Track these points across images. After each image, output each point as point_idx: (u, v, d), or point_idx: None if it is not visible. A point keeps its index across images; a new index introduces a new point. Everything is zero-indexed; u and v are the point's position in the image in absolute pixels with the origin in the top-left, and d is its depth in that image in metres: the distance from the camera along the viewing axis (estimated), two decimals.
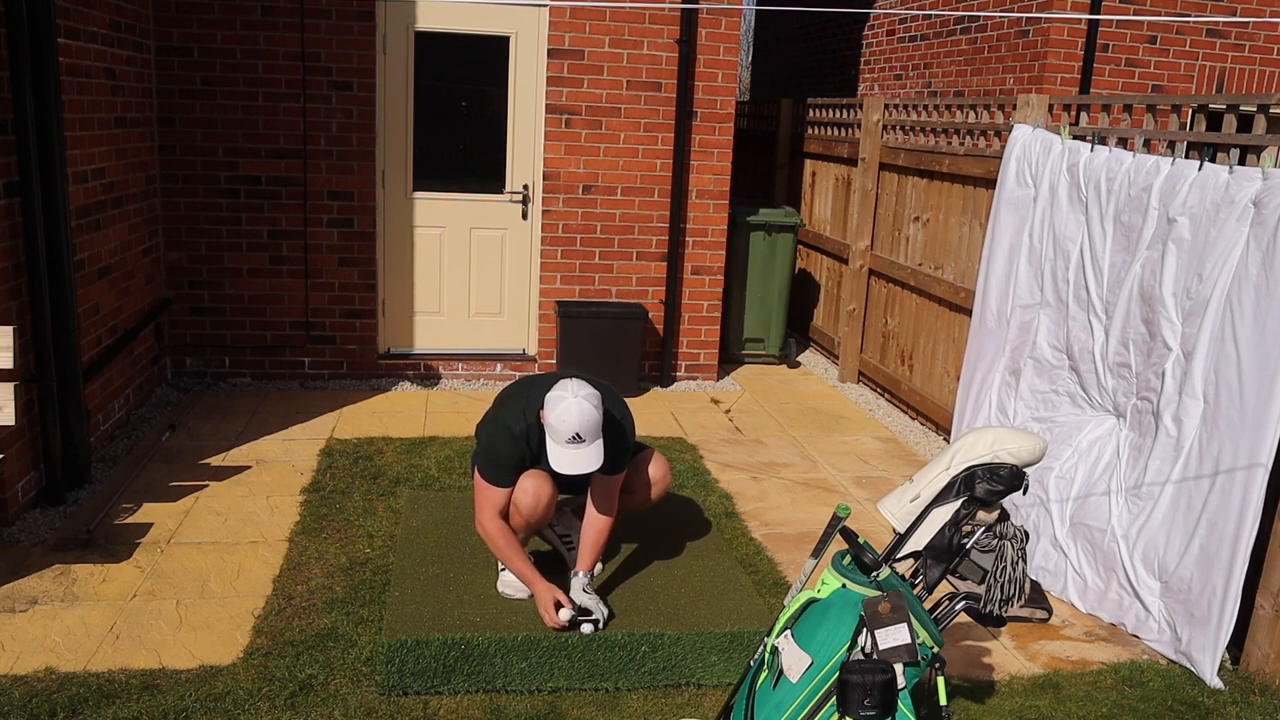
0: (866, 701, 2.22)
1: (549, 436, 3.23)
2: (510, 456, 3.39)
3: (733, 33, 6.27)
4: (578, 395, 3.21)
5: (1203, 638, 3.35)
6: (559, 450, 3.21)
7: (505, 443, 3.39)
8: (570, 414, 3.17)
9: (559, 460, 3.20)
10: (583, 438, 3.19)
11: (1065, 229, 4.19)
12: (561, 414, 3.19)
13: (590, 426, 3.18)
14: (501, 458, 3.39)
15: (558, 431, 3.19)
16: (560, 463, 3.19)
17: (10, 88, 3.94)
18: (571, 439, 3.18)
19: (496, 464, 3.39)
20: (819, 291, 7.78)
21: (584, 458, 3.19)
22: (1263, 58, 7.69)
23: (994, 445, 2.54)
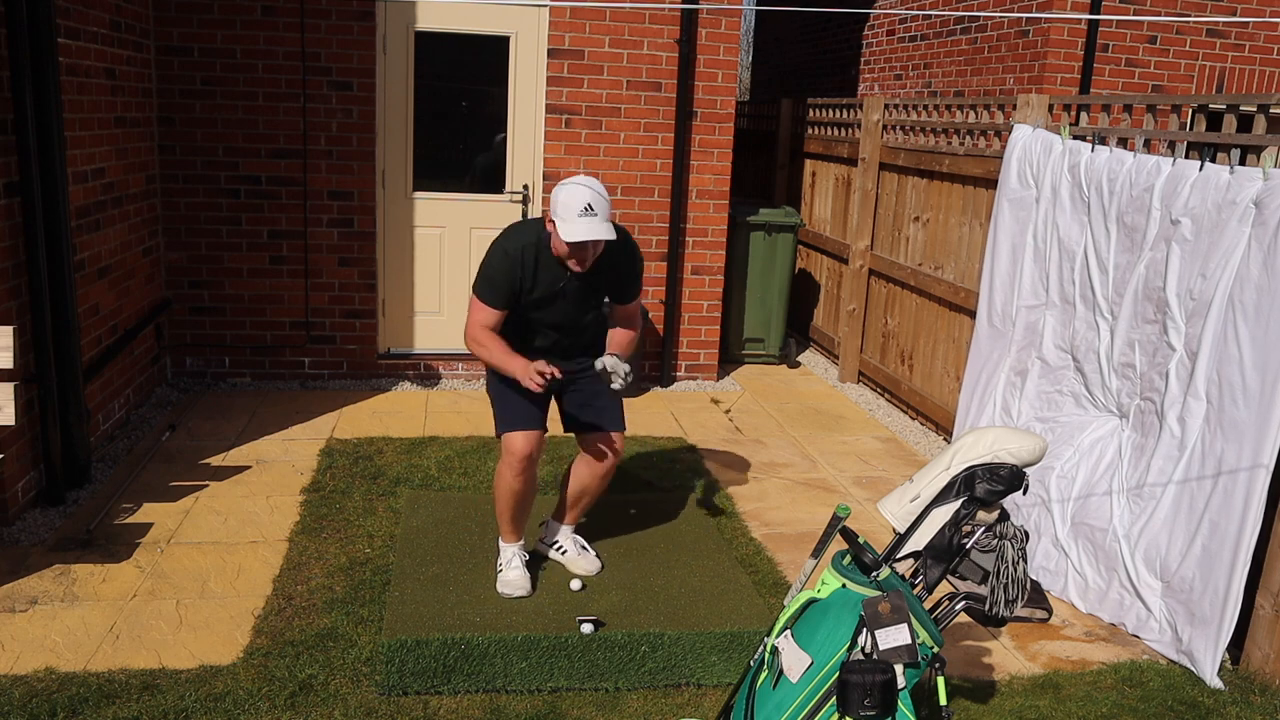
0: (866, 701, 2.22)
1: (560, 221, 3.22)
2: (502, 275, 3.38)
3: (733, 33, 6.27)
4: (587, 178, 3.29)
5: (1204, 638, 3.35)
6: (572, 224, 3.19)
7: (499, 262, 3.38)
8: (580, 188, 3.21)
9: (572, 231, 3.18)
10: (594, 210, 3.20)
11: (1069, 229, 4.19)
12: (571, 190, 3.22)
13: (601, 202, 3.22)
14: (494, 276, 3.39)
15: (569, 207, 3.21)
16: (574, 233, 3.17)
17: (10, 88, 3.94)
18: (584, 210, 3.19)
19: (489, 282, 3.40)
20: (819, 291, 7.78)
21: (597, 227, 3.19)
22: (1263, 58, 7.69)
23: (994, 445, 2.54)
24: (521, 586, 3.59)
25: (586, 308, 3.57)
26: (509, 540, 3.71)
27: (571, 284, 3.47)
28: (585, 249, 3.28)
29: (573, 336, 3.62)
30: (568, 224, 3.21)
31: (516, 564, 3.67)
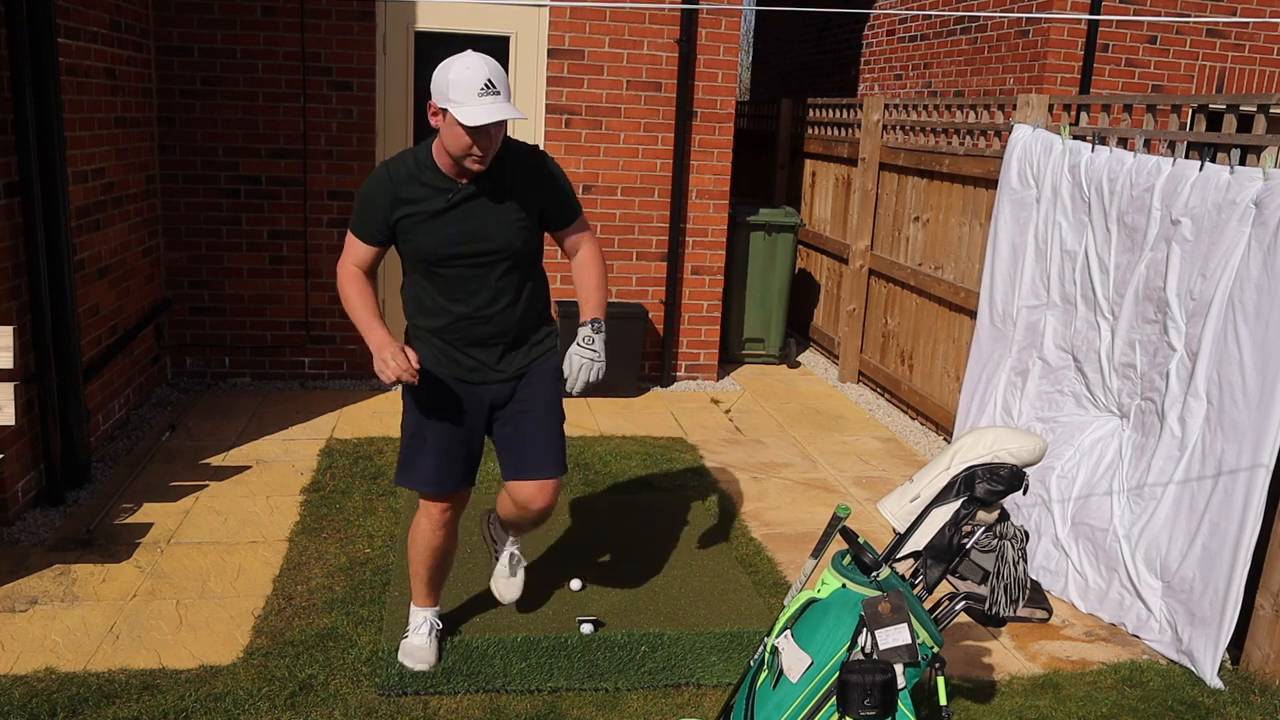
0: (866, 701, 2.22)
1: (455, 105, 2.56)
2: (371, 192, 2.77)
3: (733, 33, 6.27)
4: (475, 52, 2.65)
5: (1204, 638, 3.35)
6: (472, 106, 2.54)
7: (369, 181, 2.79)
8: (472, 60, 2.58)
9: (475, 114, 2.53)
10: (496, 87, 2.58)
11: (1069, 230, 4.19)
12: (462, 64, 2.57)
13: (502, 77, 2.61)
14: (363, 196, 2.79)
15: (464, 85, 2.55)
16: (477, 115, 2.53)
17: (10, 88, 3.94)
18: (485, 88, 2.56)
19: (357, 205, 2.81)
20: (819, 291, 7.77)
21: (505, 108, 2.58)
22: (1263, 58, 7.69)
23: (994, 445, 2.54)
24: (424, 659, 3.12)
25: (500, 240, 2.80)
26: (421, 604, 3.20)
27: (465, 197, 2.76)
28: (488, 136, 2.62)
29: (487, 306, 2.86)
30: (466, 107, 2.55)
31: (424, 631, 3.17)
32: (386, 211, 2.78)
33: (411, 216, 2.77)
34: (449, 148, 2.65)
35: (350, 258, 2.86)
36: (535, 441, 2.98)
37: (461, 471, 2.99)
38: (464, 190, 2.77)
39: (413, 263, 2.84)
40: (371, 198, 2.78)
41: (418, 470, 2.95)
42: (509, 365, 2.97)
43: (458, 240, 2.79)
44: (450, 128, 2.61)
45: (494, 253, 2.82)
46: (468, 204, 2.77)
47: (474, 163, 2.66)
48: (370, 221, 2.80)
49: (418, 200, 2.76)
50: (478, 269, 2.83)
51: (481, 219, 2.79)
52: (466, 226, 2.78)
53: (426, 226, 2.78)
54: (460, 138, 2.61)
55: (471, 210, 2.78)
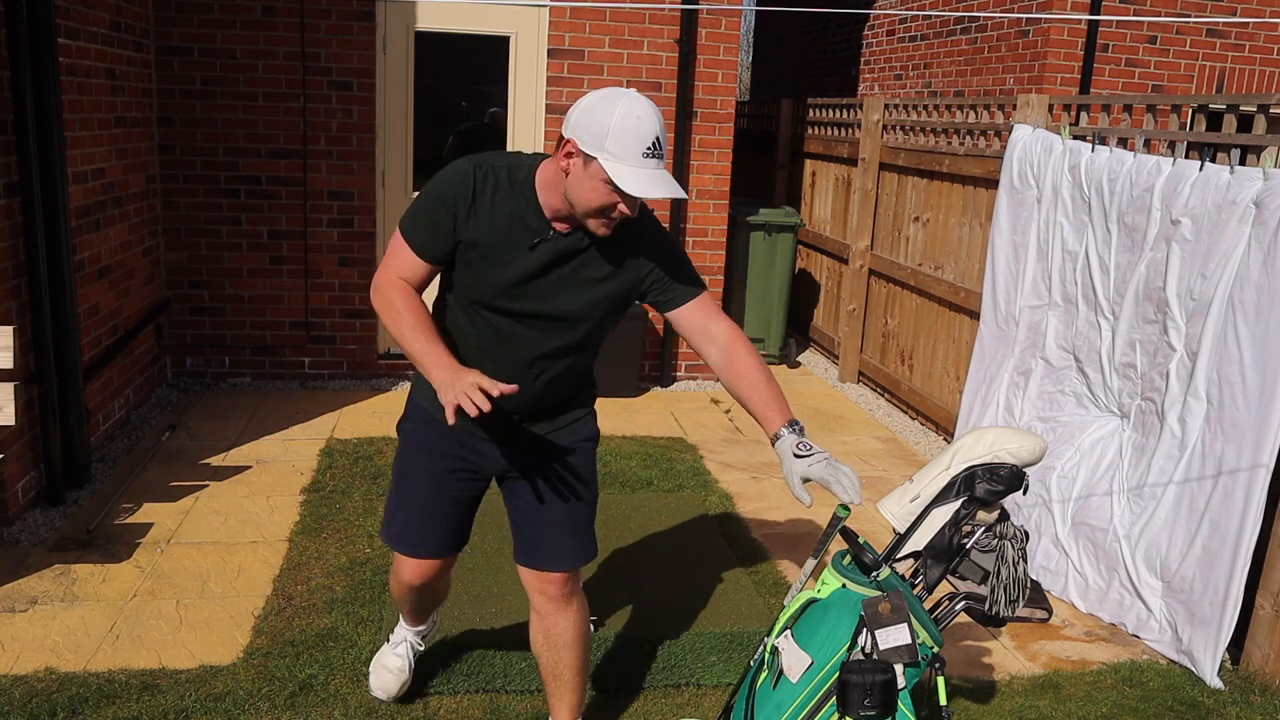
0: (866, 701, 2.22)
1: (611, 159, 2.04)
2: (440, 195, 2.21)
3: (733, 33, 6.27)
4: (644, 98, 2.11)
5: (1204, 638, 3.35)
6: (635, 170, 2.05)
7: (443, 178, 2.22)
8: (644, 110, 2.05)
9: (638, 183, 2.04)
10: (661, 148, 2.09)
11: (1070, 230, 4.19)
12: (631, 111, 2.04)
13: (664, 134, 2.11)
14: (428, 196, 2.23)
15: (630, 139, 2.03)
16: (641, 185, 2.04)
17: (10, 88, 3.94)
18: (651, 149, 2.05)
19: (416, 206, 2.25)
20: (819, 291, 7.77)
21: (666, 178, 2.08)
22: (1263, 58, 7.69)
23: (994, 445, 2.54)
24: (387, 689, 2.90)
25: (568, 310, 2.28)
26: (409, 623, 2.89)
27: (550, 250, 2.22)
28: (635, 205, 2.15)
29: (526, 372, 2.33)
30: (627, 166, 2.04)
31: (402, 651, 2.91)
32: (456, 222, 2.20)
33: (478, 246, 2.21)
34: (575, 198, 2.11)
35: (394, 268, 2.26)
36: (555, 526, 2.47)
37: (439, 538, 2.53)
38: (556, 240, 2.22)
39: (458, 293, 2.31)
40: (443, 199, 2.19)
41: (393, 524, 2.55)
42: (530, 430, 2.45)
43: (523, 292, 2.25)
44: (591, 180, 2.07)
45: (561, 321, 2.29)
46: (554, 255, 2.22)
47: (602, 226, 2.14)
48: (431, 229, 2.21)
49: (497, 227, 2.20)
50: (534, 331, 2.29)
51: (563, 279, 2.25)
52: (541, 283, 2.24)
53: (494, 262, 2.22)
54: (599, 196, 2.08)
55: (556, 263, 2.23)
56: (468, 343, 2.32)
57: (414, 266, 2.26)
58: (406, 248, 2.25)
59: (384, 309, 2.25)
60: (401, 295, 2.24)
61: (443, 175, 2.21)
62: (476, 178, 2.20)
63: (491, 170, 2.21)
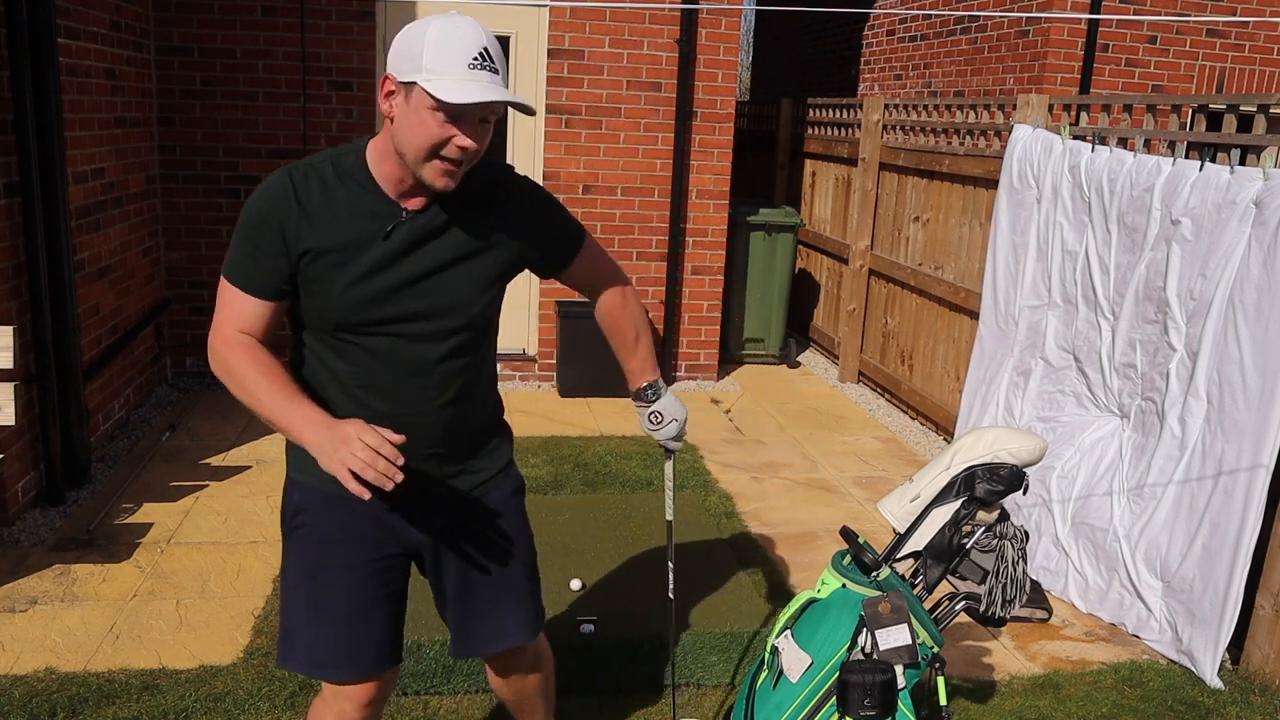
0: (866, 701, 2.22)
1: (431, 76, 1.70)
2: (264, 216, 1.82)
3: (733, 33, 6.27)
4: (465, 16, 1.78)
5: (1204, 638, 3.35)
6: (458, 81, 1.70)
7: (256, 200, 1.84)
8: (463, 22, 1.74)
9: (460, 90, 1.69)
10: (492, 60, 1.74)
11: (1070, 230, 4.19)
12: (448, 24, 1.73)
13: (499, 52, 1.77)
14: (249, 224, 1.83)
15: (449, 51, 1.70)
16: (463, 92, 1.69)
17: (10, 88, 3.94)
18: (477, 60, 1.72)
19: (238, 242, 1.85)
20: (819, 291, 7.77)
21: (495, 86, 1.73)
22: (1263, 58, 7.69)
23: (994, 445, 2.54)
24: None
25: (450, 300, 1.90)
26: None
27: (408, 234, 1.85)
28: (475, 128, 1.76)
29: (423, 402, 1.94)
30: (446, 80, 1.70)
31: None
32: (286, 238, 1.81)
33: (324, 255, 1.82)
34: (405, 145, 1.75)
35: (229, 321, 1.86)
36: (489, 601, 2.11)
37: (375, 648, 2.02)
38: (412, 220, 1.84)
39: (315, 329, 1.91)
40: (263, 217, 1.81)
41: (300, 641, 1.99)
42: (447, 490, 2.03)
43: (393, 297, 1.85)
44: (415, 113, 1.72)
45: (446, 316, 1.90)
46: (415, 238, 1.85)
47: (443, 174, 1.76)
48: (257, 257, 1.82)
49: (337, 228, 1.82)
50: (416, 344, 1.89)
51: (434, 263, 1.86)
52: (409, 275, 1.85)
53: (347, 271, 1.82)
54: (427, 128, 1.72)
55: (419, 248, 1.85)
56: (345, 388, 1.92)
57: (249, 312, 1.86)
58: (235, 292, 1.85)
59: (225, 376, 1.84)
60: (242, 352, 1.83)
61: (255, 194, 1.85)
62: (295, 181, 1.83)
63: (311, 169, 1.85)
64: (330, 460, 1.66)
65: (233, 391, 1.85)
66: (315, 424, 1.72)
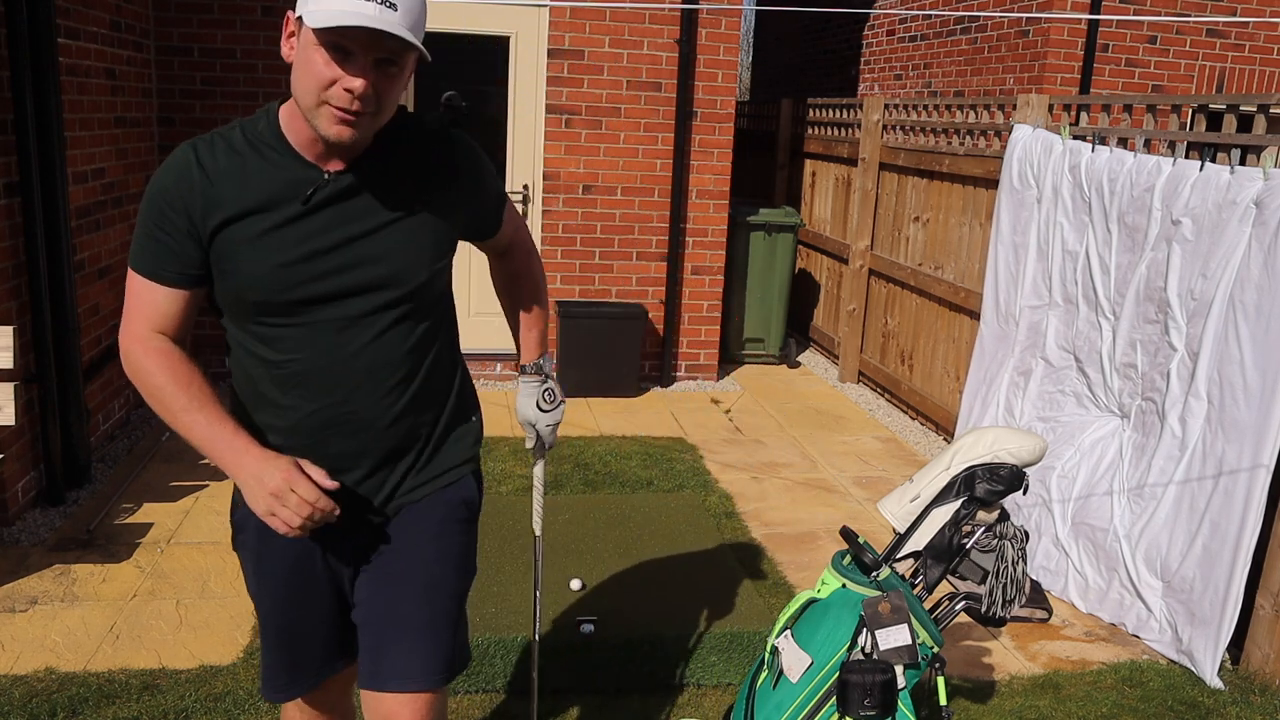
0: (866, 701, 2.22)
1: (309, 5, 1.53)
2: (167, 193, 1.61)
3: (733, 33, 6.27)
4: None
5: (1204, 638, 3.35)
6: (334, 9, 1.50)
7: (164, 175, 1.63)
8: None
9: (331, 11, 1.49)
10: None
11: (1070, 230, 4.19)
12: None
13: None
14: (152, 203, 1.63)
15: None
16: (324, 14, 1.50)
17: (10, 88, 3.94)
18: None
19: (142, 224, 1.65)
20: (819, 291, 7.77)
21: (376, 13, 1.50)
22: (1263, 58, 7.69)
23: (994, 445, 2.54)
24: None
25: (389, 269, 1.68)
26: None
27: (337, 193, 1.65)
28: (362, 67, 1.53)
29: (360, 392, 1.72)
30: (325, 6, 1.50)
31: None
32: (192, 215, 1.61)
33: (238, 224, 1.62)
34: (297, 91, 1.58)
35: (139, 320, 1.65)
36: (402, 629, 1.81)
37: (313, 665, 1.91)
38: (335, 181, 1.65)
39: (235, 315, 1.73)
40: (165, 194, 1.61)
41: (264, 668, 1.94)
42: (397, 491, 1.82)
43: (317, 267, 1.64)
44: (304, 50, 1.55)
45: (380, 289, 1.68)
46: (340, 204, 1.65)
47: (336, 121, 1.55)
48: (162, 240, 1.61)
49: (249, 196, 1.62)
50: (353, 326, 1.68)
51: (363, 230, 1.66)
52: (334, 243, 1.64)
53: (265, 243, 1.62)
54: (315, 67, 1.53)
55: (346, 214, 1.65)
56: (277, 381, 1.73)
57: (160, 303, 1.65)
58: (141, 281, 1.64)
59: (140, 385, 1.66)
60: (157, 358, 1.64)
61: (161, 172, 1.64)
62: (200, 152, 1.64)
63: (218, 137, 1.67)
64: (256, 504, 1.60)
65: (149, 403, 1.68)
66: (243, 456, 1.62)
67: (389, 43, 1.53)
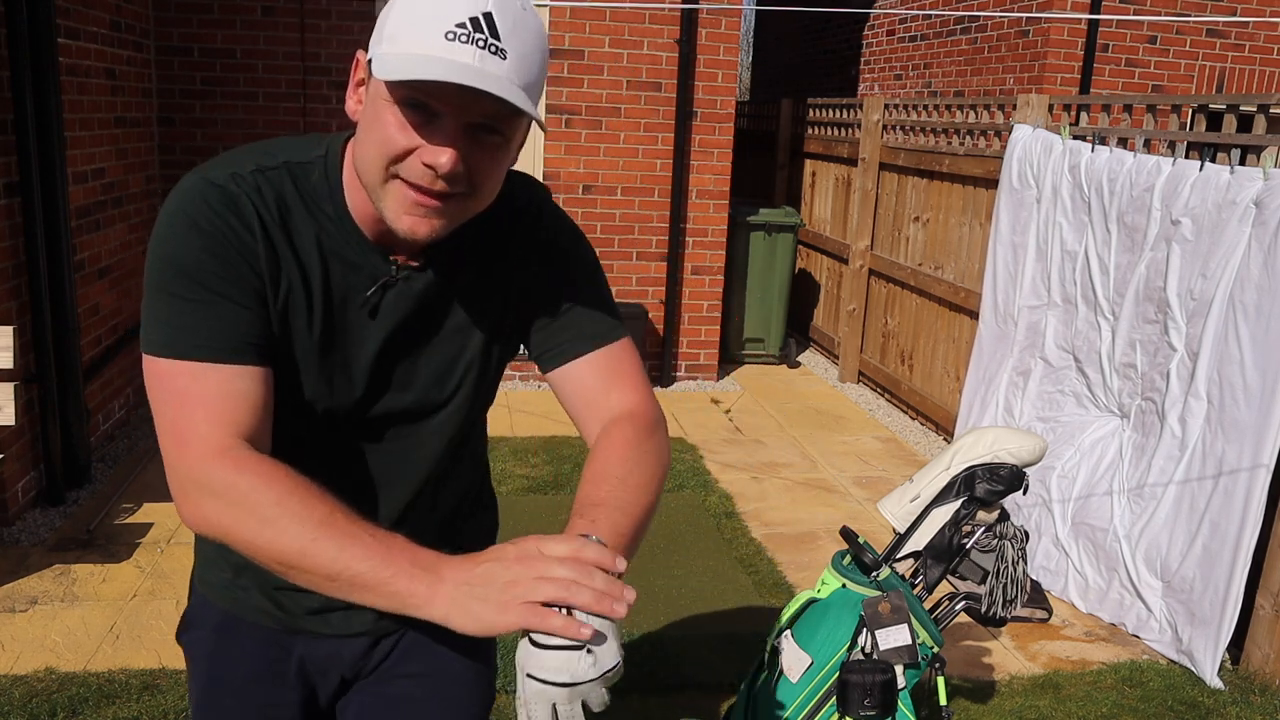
0: (866, 701, 2.22)
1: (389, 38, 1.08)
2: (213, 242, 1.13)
3: (733, 33, 6.27)
4: None
5: (1204, 638, 3.35)
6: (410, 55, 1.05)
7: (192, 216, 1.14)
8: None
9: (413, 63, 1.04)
10: (491, 31, 1.05)
11: (1070, 230, 4.19)
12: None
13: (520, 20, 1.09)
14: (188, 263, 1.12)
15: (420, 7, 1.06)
16: (414, 67, 1.04)
17: (10, 88, 3.94)
18: (464, 27, 1.05)
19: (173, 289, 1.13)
20: (819, 291, 7.77)
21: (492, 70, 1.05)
22: (1263, 58, 7.69)
23: (994, 445, 2.54)
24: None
25: (445, 393, 1.31)
26: None
27: (403, 300, 1.24)
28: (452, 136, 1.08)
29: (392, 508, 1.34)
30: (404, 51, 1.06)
31: None
32: (258, 274, 1.17)
33: (282, 318, 1.19)
34: (360, 159, 1.14)
35: (208, 424, 1.13)
36: None
37: None
38: (407, 282, 1.24)
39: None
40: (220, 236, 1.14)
41: None
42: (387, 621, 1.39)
43: (377, 384, 1.26)
44: (372, 105, 1.11)
45: (436, 412, 1.31)
46: (407, 315, 1.25)
47: (407, 208, 1.11)
48: (228, 300, 1.14)
49: (296, 280, 1.19)
50: (391, 444, 1.31)
51: (430, 344, 1.28)
52: (397, 353, 1.26)
53: (305, 347, 1.22)
54: (381, 134, 1.10)
55: (413, 329, 1.26)
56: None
57: (240, 391, 1.13)
58: (196, 367, 1.12)
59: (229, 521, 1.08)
60: (255, 472, 1.09)
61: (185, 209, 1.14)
62: (248, 194, 1.16)
63: (264, 179, 1.18)
64: (504, 608, 1.07)
65: (243, 546, 1.08)
66: (434, 570, 1.05)
67: (491, 105, 1.06)
